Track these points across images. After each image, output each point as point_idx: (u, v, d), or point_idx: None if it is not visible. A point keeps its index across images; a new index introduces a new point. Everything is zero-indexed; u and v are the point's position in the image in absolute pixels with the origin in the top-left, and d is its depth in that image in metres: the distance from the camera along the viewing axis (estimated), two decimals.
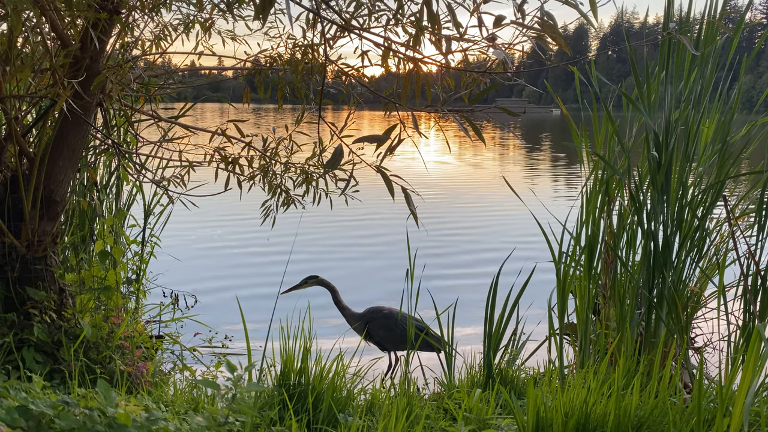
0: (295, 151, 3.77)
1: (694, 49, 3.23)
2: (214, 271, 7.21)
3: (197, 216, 5.35)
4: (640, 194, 4.00)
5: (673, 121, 3.91)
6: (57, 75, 2.82)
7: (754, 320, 3.60)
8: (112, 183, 5.11)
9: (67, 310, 3.43)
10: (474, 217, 11.17)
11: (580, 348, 4.09)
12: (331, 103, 3.20)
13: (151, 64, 3.97)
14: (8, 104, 3.19)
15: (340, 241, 8.96)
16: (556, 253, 4.06)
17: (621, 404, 2.87)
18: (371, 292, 6.28)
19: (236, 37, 3.97)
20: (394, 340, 4.31)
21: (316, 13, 2.34)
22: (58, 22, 2.92)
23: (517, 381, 3.72)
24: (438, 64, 2.37)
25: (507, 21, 2.07)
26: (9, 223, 3.30)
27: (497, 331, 3.85)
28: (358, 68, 2.93)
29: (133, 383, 3.35)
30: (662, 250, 3.86)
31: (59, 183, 3.39)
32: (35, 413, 2.01)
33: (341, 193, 3.17)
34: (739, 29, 4.11)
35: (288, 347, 3.22)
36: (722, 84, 4.14)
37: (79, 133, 3.36)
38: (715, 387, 3.21)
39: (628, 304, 4.00)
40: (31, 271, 3.37)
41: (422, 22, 2.15)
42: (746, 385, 2.47)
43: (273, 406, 2.98)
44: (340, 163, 2.24)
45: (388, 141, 2.23)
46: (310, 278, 4.51)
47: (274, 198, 3.76)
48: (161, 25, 3.83)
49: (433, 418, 3.13)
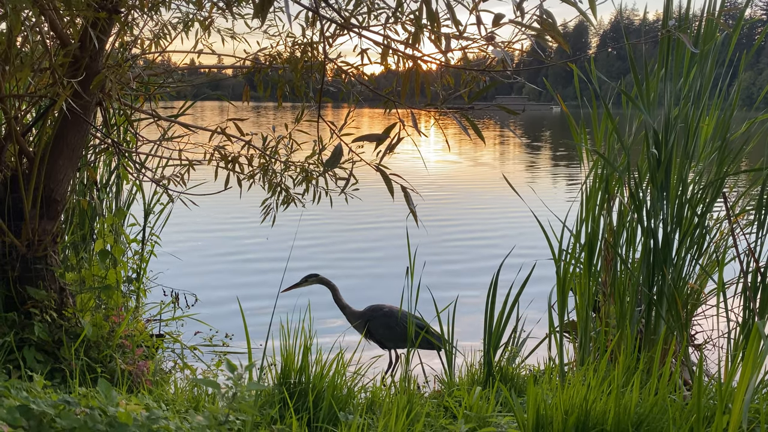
0: (295, 150, 3.77)
1: (693, 46, 3.23)
2: (215, 269, 7.21)
3: (197, 215, 5.35)
4: (640, 192, 4.00)
5: (673, 118, 3.91)
6: (56, 74, 2.82)
7: (754, 317, 3.61)
8: (112, 182, 5.11)
9: (68, 309, 3.44)
10: (474, 215, 11.17)
11: (580, 345, 4.09)
12: (330, 101, 3.20)
13: (150, 63, 3.97)
14: (8, 103, 3.19)
15: (340, 240, 8.97)
16: (556, 251, 4.06)
17: (621, 402, 2.87)
18: (371, 291, 6.28)
19: (236, 36, 3.97)
20: (394, 338, 4.32)
21: (315, 12, 2.34)
22: (57, 21, 2.92)
23: (517, 379, 3.73)
24: (437, 62, 2.37)
25: (506, 19, 2.06)
26: (9, 222, 3.30)
27: (497, 328, 3.85)
28: (357, 66, 2.93)
29: (133, 382, 3.35)
30: (662, 248, 3.87)
31: (59, 182, 3.39)
32: (36, 412, 2.01)
33: (341, 191, 3.17)
34: (738, 26, 4.10)
35: (288, 346, 3.23)
36: (722, 81, 4.14)
37: (78, 132, 3.37)
38: (714, 384, 3.21)
39: (628, 301, 4.01)
40: (31, 270, 3.37)
41: (421, 20, 2.15)
42: (746, 382, 2.48)
43: (273, 404, 2.98)
44: (339, 162, 2.24)
45: (388, 139, 2.23)
46: (310, 277, 4.51)
47: (274, 196, 3.76)
48: (160, 23, 3.83)
49: (433, 416, 3.13)
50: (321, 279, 4.49)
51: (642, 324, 4.06)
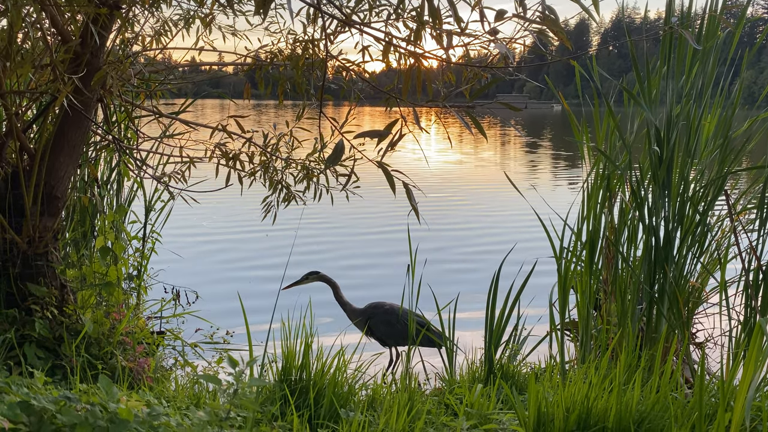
0: (296, 147, 3.77)
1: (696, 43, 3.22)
2: (215, 266, 7.21)
3: (198, 212, 5.35)
4: (642, 189, 4.00)
5: (675, 116, 3.90)
6: (57, 71, 2.82)
7: (756, 315, 3.60)
8: (112, 179, 5.11)
9: (69, 306, 3.44)
10: (475, 213, 11.17)
11: (581, 343, 4.09)
12: (331, 98, 3.19)
13: (151, 60, 3.97)
14: (9, 100, 3.19)
15: (341, 237, 8.96)
16: (557, 249, 4.05)
17: (622, 399, 2.87)
18: (372, 288, 6.28)
19: (237, 33, 3.97)
20: (395, 335, 4.31)
21: (316, 8, 2.33)
22: (58, 17, 2.92)
23: (518, 376, 3.72)
24: (439, 59, 2.37)
25: (509, 15, 2.06)
26: (10, 219, 3.30)
27: (498, 326, 3.85)
28: (358, 63, 2.93)
29: (134, 379, 3.35)
30: (663, 246, 3.86)
31: (60, 179, 3.39)
32: (37, 409, 2.01)
33: (342, 188, 3.17)
34: (740, 24, 4.09)
35: (289, 343, 3.22)
36: (724, 79, 4.13)
37: (79, 129, 3.36)
38: (716, 382, 3.21)
39: (629, 299, 4.00)
40: (32, 267, 3.37)
41: (423, 16, 2.14)
42: (748, 380, 2.47)
43: (274, 401, 2.98)
44: (341, 159, 2.23)
45: (389, 136, 2.22)
46: (311, 274, 4.50)
47: (275, 194, 3.76)
48: (161, 20, 3.83)
49: (434, 413, 3.13)
50: (322, 276, 4.49)
51: (643, 322, 4.06)
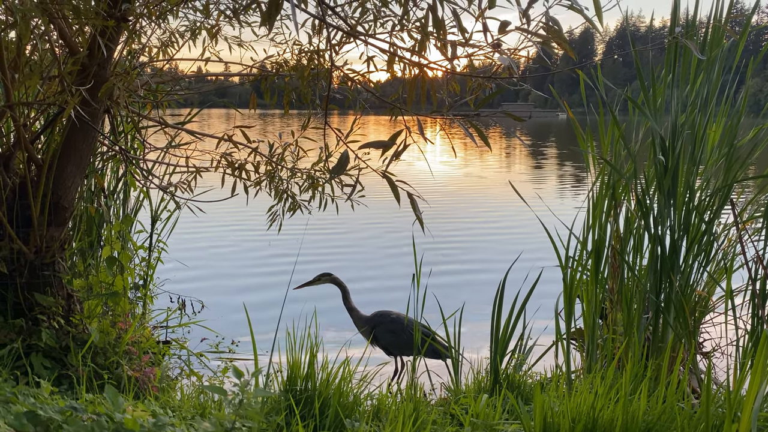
0: (301, 157, 3.78)
1: (700, 53, 3.22)
2: (221, 276, 7.22)
3: (204, 221, 5.37)
4: (647, 198, 3.99)
5: (680, 125, 3.90)
6: (65, 82, 2.85)
7: (763, 324, 3.58)
8: (119, 189, 5.14)
9: (75, 316, 3.45)
10: (480, 222, 11.16)
11: (587, 353, 4.07)
12: (337, 108, 3.21)
13: (158, 71, 4.00)
14: (17, 111, 3.22)
15: (346, 246, 8.97)
16: (563, 258, 4.05)
17: (629, 409, 2.86)
18: (377, 297, 6.27)
19: (243, 43, 3.99)
20: (400, 344, 4.31)
21: (321, 20, 2.35)
22: (66, 29, 2.95)
23: (524, 386, 3.71)
24: (443, 70, 2.38)
25: (512, 27, 2.07)
26: (17, 229, 3.32)
27: (504, 336, 3.84)
28: (363, 74, 2.94)
29: (140, 388, 3.36)
30: (669, 255, 3.85)
31: (67, 189, 3.41)
32: (44, 419, 2.02)
33: (347, 198, 3.17)
34: (745, 32, 4.10)
35: (294, 353, 3.22)
36: (729, 87, 4.13)
37: (86, 139, 3.39)
38: (723, 392, 3.19)
39: (635, 308, 3.99)
40: (39, 276, 3.39)
41: (427, 27, 2.16)
42: (755, 390, 2.46)
43: (280, 411, 2.98)
44: (346, 169, 2.24)
45: (394, 146, 2.23)
46: (323, 275, 4.49)
47: (281, 203, 3.77)
48: (168, 31, 3.86)
49: (439, 423, 3.12)
50: (333, 279, 4.47)
51: (649, 331, 4.04)
